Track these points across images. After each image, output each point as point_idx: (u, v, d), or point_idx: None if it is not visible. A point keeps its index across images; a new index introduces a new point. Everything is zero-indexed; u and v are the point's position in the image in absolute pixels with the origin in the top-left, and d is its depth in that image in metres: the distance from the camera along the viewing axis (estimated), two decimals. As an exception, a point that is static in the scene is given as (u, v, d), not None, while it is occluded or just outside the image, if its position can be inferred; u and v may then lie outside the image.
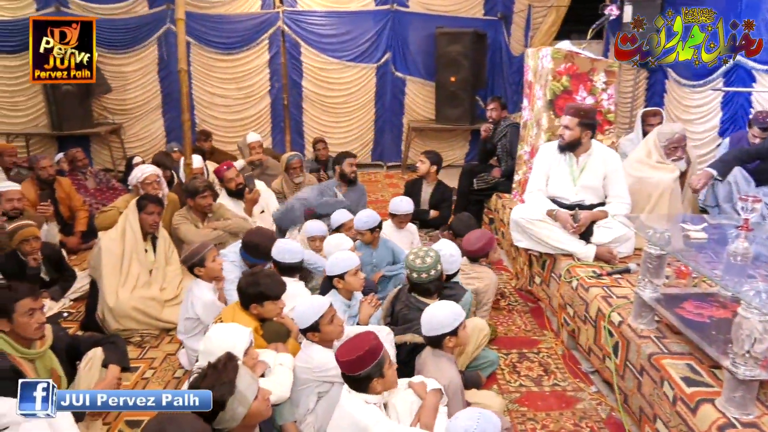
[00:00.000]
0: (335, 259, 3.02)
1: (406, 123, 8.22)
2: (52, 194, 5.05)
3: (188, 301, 3.15)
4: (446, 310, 2.46)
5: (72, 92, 7.14)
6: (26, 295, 2.35)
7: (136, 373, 3.21)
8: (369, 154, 8.44)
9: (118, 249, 3.70)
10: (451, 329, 2.44)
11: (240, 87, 7.92)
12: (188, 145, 4.56)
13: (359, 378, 2.11)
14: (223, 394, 1.82)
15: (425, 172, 4.87)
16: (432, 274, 2.80)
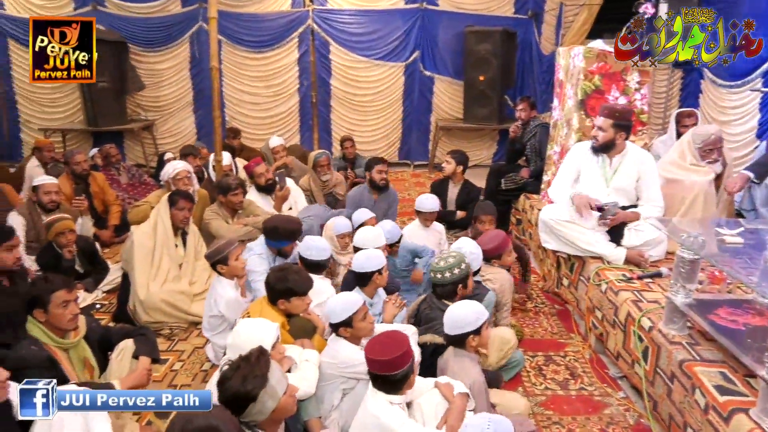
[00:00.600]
0: (365, 257, 3.03)
1: (433, 122, 8.19)
2: (87, 189, 5.19)
3: (211, 299, 3.20)
4: (469, 309, 2.45)
5: (107, 89, 7.32)
6: (61, 287, 2.42)
7: (165, 365, 3.28)
8: (396, 153, 8.44)
9: (149, 243, 3.77)
10: (474, 328, 2.42)
11: (269, 85, 8.01)
12: (219, 142, 4.62)
13: (394, 379, 2.09)
14: (255, 387, 1.84)
15: (451, 172, 4.83)
16: (456, 273, 2.79)
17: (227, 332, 3.09)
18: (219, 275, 3.20)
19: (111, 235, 5.23)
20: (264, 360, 1.90)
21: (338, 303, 2.53)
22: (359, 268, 3.02)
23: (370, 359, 2.10)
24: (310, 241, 3.29)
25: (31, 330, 2.40)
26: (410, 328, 2.83)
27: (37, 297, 2.38)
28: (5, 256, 3.05)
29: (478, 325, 2.42)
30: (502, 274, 3.41)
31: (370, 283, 3.05)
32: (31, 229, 4.34)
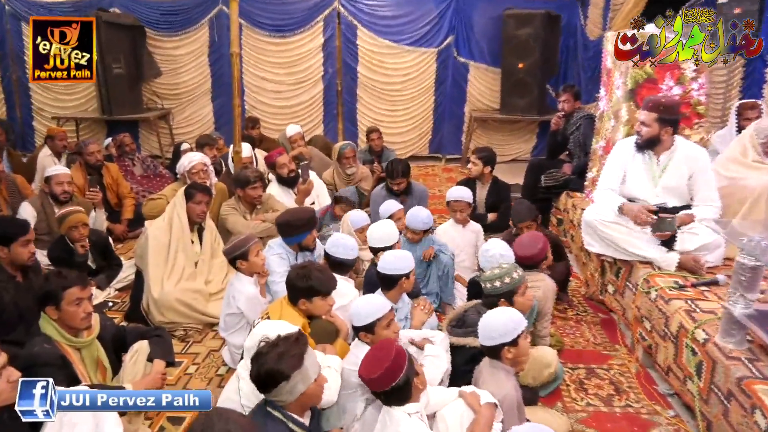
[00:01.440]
0: (394, 257, 3.03)
1: (467, 112, 8.16)
2: (100, 180, 5.31)
3: (229, 296, 3.25)
4: (504, 317, 2.42)
5: (122, 76, 7.48)
6: (75, 284, 2.48)
7: (180, 368, 3.34)
8: (426, 145, 8.44)
9: (164, 239, 3.85)
10: (510, 339, 2.40)
11: (292, 72, 8.08)
12: (238, 132, 4.68)
13: (397, 389, 2.11)
14: (291, 367, 1.92)
15: (478, 174, 4.78)
16: (507, 282, 2.76)
17: (243, 331, 3.14)
18: (238, 272, 3.25)
19: (124, 229, 5.35)
20: (302, 341, 1.99)
21: (363, 306, 2.54)
22: (386, 269, 3.02)
23: (366, 380, 2.14)
24: (339, 238, 3.31)
25: (44, 327, 2.46)
26: (438, 335, 2.82)
27: (49, 293, 2.44)
28: (21, 251, 3.14)
29: (515, 336, 2.39)
30: (545, 281, 3.37)
31: (397, 287, 3.06)
32: (42, 221, 4.47)
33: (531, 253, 3.32)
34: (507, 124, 8.05)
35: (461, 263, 4.13)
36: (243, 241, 3.22)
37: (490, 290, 2.76)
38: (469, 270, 4.11)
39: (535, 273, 3.38)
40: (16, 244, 3.13)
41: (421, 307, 3.08)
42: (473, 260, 4.12)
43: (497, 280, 2.76)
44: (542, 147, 7.79)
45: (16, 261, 3.17)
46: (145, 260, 3.80)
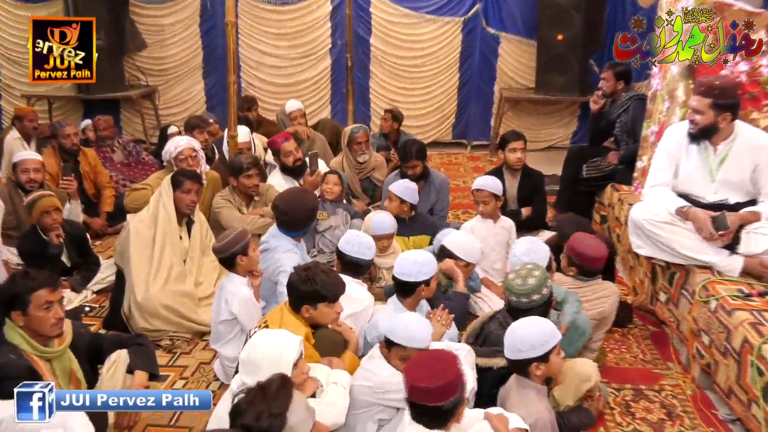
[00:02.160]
0: (413, 262, 3.02)
1: (497, 92, 8.13)
2: (76, 167, 5.37)
3: (221, 300, 3.27)
4: (534, 328, 2.41)
5: (102, 49, 7.50)
6: (44, 285, 2.50)
7: (166, 382, 3.36)
8: (449, 130, 8.43)
9: (148, 233, 3.88)
10: (540, 354, 2.39)
11: (295, 44, 8.10)
12: (233, 114, 4.70)
13: (440, 411, 2.07)
14: (272, 427, 1.88)
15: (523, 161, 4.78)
16: (535, 299, 2.75)
17: (238, 341, 3.16)
18: (230, 272, 3.28)
19: (103, 224, 5.40)
20: (284, 394, 1.95)
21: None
22: (404, 275, 3.01)
23: (412, 386, 2.08)
24: (355, 235, 3.32)
25: (10, 336, 2.49)
26: (463, 348, 2.82)
27: (15, 296, 2.47)
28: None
29: (546, 350, 2.38)
30: (612, 287, 3.40)
31: (414, 294, 3.06)
32: (10, 214, 4.52)
33: (600, 254, 3.34)
34: (543, 106, 8.01)
35: (492, 265, 4.13)
36: (240, 235, 3.24)
37: (526, 305, 2.74)
38: (502, 273, 4.10)
39: (599, 281, 3.40)
40: None
41: (438, 317, 3.07)
42: (505, 261, 4.11)
43: (535, 293, 2.74)
44: (584, 132, 7.72)
45: None
46: (126, 258, 3.83)
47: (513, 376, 2.54)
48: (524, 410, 2.36)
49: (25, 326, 2.49)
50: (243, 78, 8.19)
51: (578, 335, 3.16)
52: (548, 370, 2.44)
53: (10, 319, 2.48)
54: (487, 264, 4.08)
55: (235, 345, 3.18)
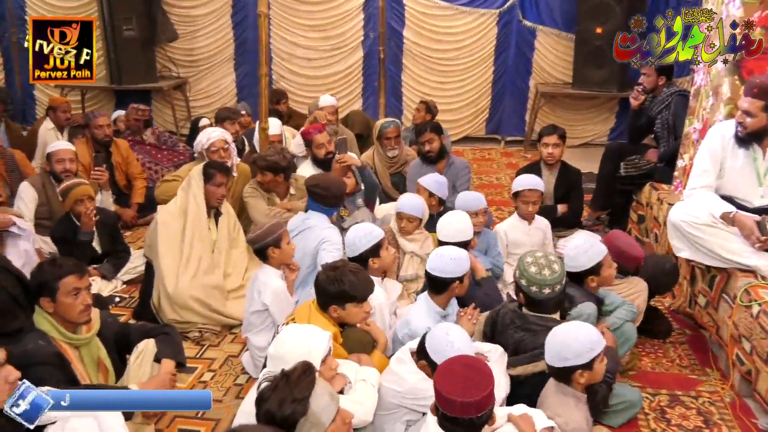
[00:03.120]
0: (448, 259, 3.02)
1: (533, 86, 8.07)
2: (108, 158, 5.47)
3: (253, 291, 3.33)
4: (580, 336, 2.37)
5: (134, 39, 7.65)
6: (72, 272, 2.57)
7: (193, 375, 3.43)
8: (483, 125, 8.39)
9: (177, 225, 3.94)
10: (584, 362, 2.36)
11: (327, 36, 8.13)
12: (265, 106, 4.74)
13: (473, 424, 2.05)
14: (294, 412, 1.90)
15: (559, 158, 4.74)
16: (557, 290, 2.74)
17: (268, 331, 3.20)
18: (264, 264, 3.34)
19: (134, 215, 5.50)
20: (307, 381, 1.97)
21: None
22: (436, 270, 3.01)
23: (447, 398, 2.02)
24: (351, 236, 3.31)
25: (39, 322, 2.57)
26: (496, 349, 2.81)
27: (43, 283, 2.54)
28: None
29: (590, 357, 2.35)
30: (642, 283, 3.41)
31: (447, 291, 3.06)
32: (43, 204, 4.64)
33: (638, 253, 3.38)
34: (580, 101, 7.93)
35: None
36: (274, 227, 3.30)
37: (548, 296, 2.73)
38: None
39: (630, 279, 3.41)
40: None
41: (468, 316, 3.07)
42: None
43: (558, 284, 2.73)
44: (622, 129, 7.67)
45: None
46: (155, 250, 3.90)
47: (552, 381, 2.51)
48: (562, 418, 2.34)
49: (54, 313, 2.56)
50: (274, 70, 8.24)
51: (623, 341, 3.15)
52: (591, 377, 2.41)
53: (39, 306, 2.55)
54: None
55: (266, 335, 3.24)
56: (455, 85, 8.19)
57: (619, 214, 5.28)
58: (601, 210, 5.46)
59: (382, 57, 7.73)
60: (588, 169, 5.88)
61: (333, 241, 3.65)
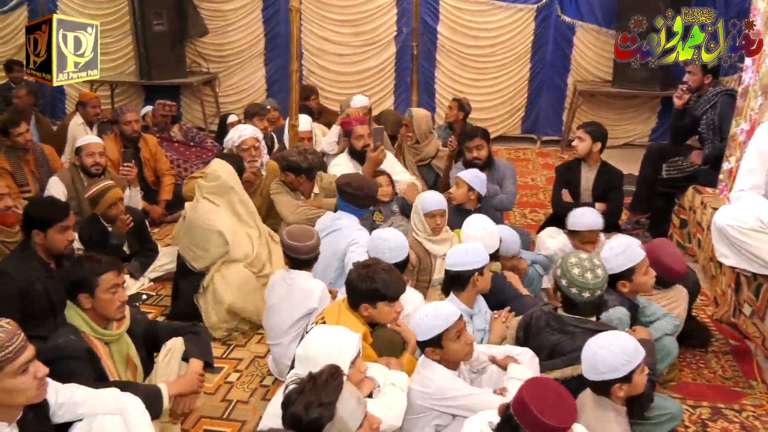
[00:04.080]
0: (463, 250, 3.03)
1: (571, 84, 8.01)
2: (137, 154, 5.57)
3: (292, 299, 3.30)
4: (615, 348, 2.32)
5: (165, 34, 7.77)
6: (110, 269, 2.63)
7: (219, 375, 3.47)
8: (518, 124, 8.36)
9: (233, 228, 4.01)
10: (622, 375, 2.33)
11: (359, 31, 8.17)
12: (295, 102, 4.77)
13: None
14: (321, 417, 1.91)
15: (585, 152, 4.69)
16: (597, 294, 2.72)
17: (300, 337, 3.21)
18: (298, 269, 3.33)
19: (162, 212, 5.58)
20: (334, 384, 1.97)
21: (426, 315, 2.54)
22: (455, 265, 3.02)
23: (535, 418, 1.95)
24: (379, 243, 3.28)
25: (71, 318, 2.62)
26: (526, 353, 2.80)
27: (83, 280, 2.59)
28: (58, 237, 3.33)
29: (628, 370, 2.31)
30: (683, 292, 3.37)
31: (469, 285, 3.05)
32: (72, 199, 4.72)
33: (682, 269, 3.33)
34: (621, 100, 7.86)
35: None
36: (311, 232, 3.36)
37: (588, 299, 2.70)
38: None
39: (670, 290, 3.37)
40: (53, 230, 3.31)
41: (502, 318, 3.06)
42: None
43: (600, 288, 2.70)
44: (665, 129, 7.58)
45: (51, 249, 3.36)
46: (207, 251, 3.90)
47: (588, 391, 2.48)
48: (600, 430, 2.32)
49: (90, 309, 2.61)
50: (304, 66, 8.31)
51: (663, 356, 3.10)
52: (631, 389, 2.36)
53: (74, 302, 2.60)
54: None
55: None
56: (490, 83, 8.17)
57: (660, 218, 5.22)
58: (640, 213, 5.39)
59: (415, 53, 7.73)
60: (628, 170, 5.81)
61: (362, 243, 3.66)
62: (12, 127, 5.13)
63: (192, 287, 3.90)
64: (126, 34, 8.32)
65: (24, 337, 2.05)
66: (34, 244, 3.35)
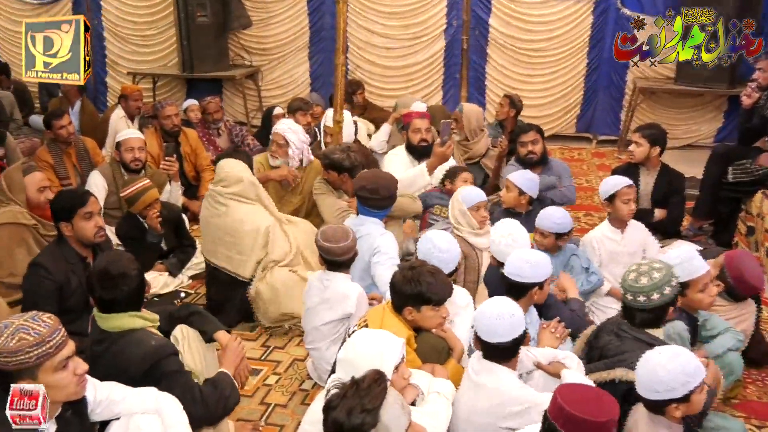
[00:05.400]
0: (526, 262, 2.99)
1: (631, 81, 7.87)
2: (177, 148, 5.66)
3: (326, 302, 3.32)
4: (673, 366, 2.25)
5: (208, 26, 7.89)
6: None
7: (258, 377, 3.52)
8: (573, 122, 8.25)
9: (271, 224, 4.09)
10: (680, 395, 2.27)
11: (407, 24, 8.16)
12: (341, 97, 4.80)
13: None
14: (364, 423, 1.92)
15: (643, 158, 4.59)
16: (667, 294, 2.66)
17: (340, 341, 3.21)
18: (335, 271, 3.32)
19: (202, 207, 5.66)
20: (378, 390, 1.98)
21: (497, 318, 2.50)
22: (515, 275, 2.99)
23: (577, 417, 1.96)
24: (431, 237, 3.27)
25: (123, 324, 2.63)
26: (572, 358, 2.76)
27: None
28: (84, 225, 3.38)
29: (687, 390, 2.25)
30: (752, 306, 3.32)
31: (525, 297, 3.02)
32: (113, 194, 4.84)
33: (761, 286, 3.28)
34: (684, 98, 7.69)
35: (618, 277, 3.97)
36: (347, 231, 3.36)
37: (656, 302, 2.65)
38: None
39: (742, 304, 3.32)
40: (78, 218, 3.36)
41: (551, 329, 3.02)
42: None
43: (665, 287, 2.65)
44: (731, 130, 7.41)
45: (82, 238, 3.41)
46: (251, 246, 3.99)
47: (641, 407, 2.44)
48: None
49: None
50: (350, 59, 8.31)
51: (727, 373, 3.03)
52: (689, 409, 2.29)
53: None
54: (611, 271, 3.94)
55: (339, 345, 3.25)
56: (544, 79, 8.06)
57: (725, 225, 5.10)
58: (704, 219, 5.28)
59: (465, 47, 7.71)
60: (691, 173, 5.71)
61: (387, 252, 3.60)
62: (55, 119, 5.27)
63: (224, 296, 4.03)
64: (169, 26, 8.46)
65: (65, 332, 2.10)
66: (67, 238, 3.41)
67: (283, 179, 4.70)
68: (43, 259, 3.37)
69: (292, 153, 4.72)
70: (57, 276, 3.28)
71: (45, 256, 3.42)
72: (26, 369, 2.00)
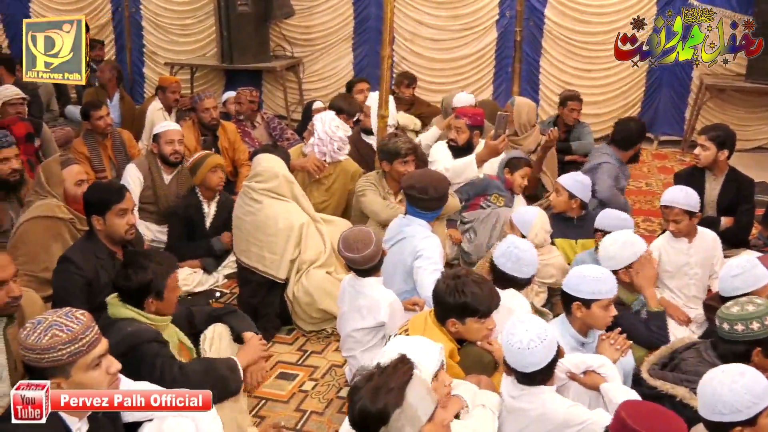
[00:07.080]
0: (589, 279, 2.91)
1: (697, 78, 7.74)
2: (215, 142, 5.74)
3: (356, 309, 3.33)
4: (739, 386, 2.19)
5: (249, 16, 7.97)
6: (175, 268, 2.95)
7: (294, 382, 3.56)
8: (633, 121, 8.11)
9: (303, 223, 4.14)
10: (745, 418, 2.21)
11: (457, 14, 8.12)
12: (385, 91, 4.81)
13: None
14: (387, 404, 1.93)
15: (709, 162, 4.49)
16: (755, 329, 2.59)
17: (379, 347, 3.22)
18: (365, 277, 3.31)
19: (240, 203, 5.74)
20: (403, 370, 2.00)
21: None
22: (578, 292, 2.91)
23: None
24: (514, 248, 3.25)
25: (120, 314, 2.79)
26: (608, 364, 2.74)
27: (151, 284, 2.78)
28: (116, 222, 3.43)
29: (754, 413, 2.20)
30: None
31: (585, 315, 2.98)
32: (148, 189, 4.91)
33: None
34: (755, 97, 7.53)
35: (682, 289, 3.90)
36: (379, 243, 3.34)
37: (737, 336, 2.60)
38: (698, 300, 3.88)
39: None
40: (111, 214, 3.41)
41: (611, 341, 2.97)
42: (703, 285, 3.94)
43: (756, 321, 2.58)
44: (806, 131, 7.21)
45: (112, 234, 3.46)
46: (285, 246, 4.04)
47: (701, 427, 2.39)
48: None
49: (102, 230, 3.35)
50: (396, 51, 8.30)
51: None
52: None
53: (142, 306, 2.82)
54: (675, 284, 3.88)
55: (377, 351, 3.25)
56: (602, 74, 7.96)
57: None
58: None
59: (518, 39, 7.69)
60: (761, 178, 5.59)
61: (430, 257, 3.57)
62: (93, 110, 5.39)
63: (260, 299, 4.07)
64: (209, 15, 8.57)
65: (98, 330, 2.16)
66: (97, 232, 3.45)
67: (304, 167, 4.76)
68: (73, 254, 3.42)
69: (312, 141, 4.82)
70: (86, 271, 3.34)
71: (74, 250, 3.47)
72: (59, 366, 2.06)
